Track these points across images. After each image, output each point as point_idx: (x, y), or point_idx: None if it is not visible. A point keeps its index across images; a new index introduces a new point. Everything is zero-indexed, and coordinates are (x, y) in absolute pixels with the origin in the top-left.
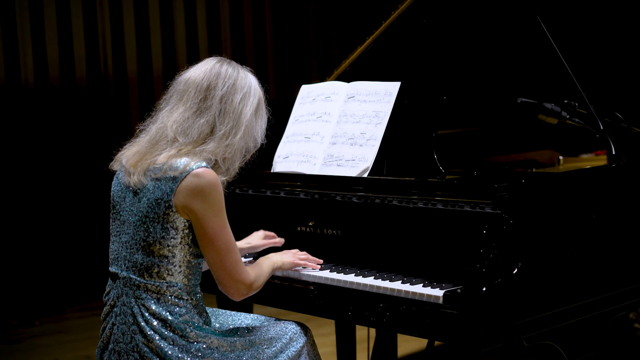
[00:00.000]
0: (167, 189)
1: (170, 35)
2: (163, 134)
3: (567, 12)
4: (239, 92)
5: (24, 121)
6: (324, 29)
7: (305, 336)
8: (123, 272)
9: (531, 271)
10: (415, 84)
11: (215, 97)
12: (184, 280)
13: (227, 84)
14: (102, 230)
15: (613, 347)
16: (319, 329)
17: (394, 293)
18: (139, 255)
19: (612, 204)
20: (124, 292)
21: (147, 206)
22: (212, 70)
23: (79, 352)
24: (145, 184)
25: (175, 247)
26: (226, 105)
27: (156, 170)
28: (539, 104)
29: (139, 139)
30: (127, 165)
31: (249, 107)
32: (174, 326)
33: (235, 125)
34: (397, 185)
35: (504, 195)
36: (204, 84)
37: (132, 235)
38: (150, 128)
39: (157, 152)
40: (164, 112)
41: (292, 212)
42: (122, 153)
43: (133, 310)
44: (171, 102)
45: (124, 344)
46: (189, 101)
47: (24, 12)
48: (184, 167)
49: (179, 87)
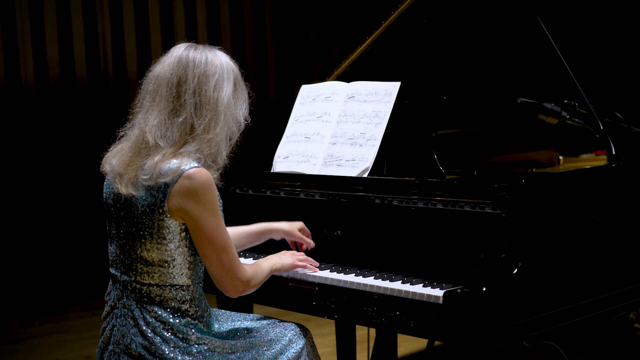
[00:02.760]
0: (160, 194)
1: (170, 35)
2: (144, 140)
3: (567, 12)
4: (211, 79)
5: (24, 121)
6: (324, 29)
7: (304, 337)
8: (123, 276)
9: (531, 271)
10: (415, 84)
11: (187, 92)
12: (187, 281)
13: (197, 74)
14: (101, 230)
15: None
16: (319, 329)
17: (394, 293)
18: (137, 261)
19: (612, 204)
20: (125, 294)
21: (141, 214)
22: (179, 63)
23: (79, 352)
24: (135, 194)
25: (174, 251)
26: (200, 97)
27: (146, 178)
28: (539, 104)
29: (121, 145)
30: (115, 174)
31: (224, 91)
32: (176, 329)
33: (214, 116)
34: (397, 185)
35: (504, 195)
36: (173, 80)
37: (128, 241)
38: (129, 134)
39: (141, 160)
40: (139, 116)
41: (292, 212)
42: (108, 156)
43: (134, 313)
44: (145, 104)
45: (124, 346)
46: (162, 101)
47: (24, 12)
48: (175, 170)
49: (149, 87)
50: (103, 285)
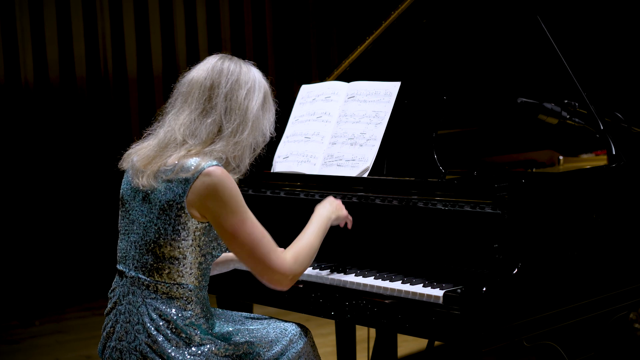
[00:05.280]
0: (179, 190)
1: (170, 35)
2: (172, 137)
3: (567, 12)
4: (243, 87)
5: (24, 121)
6: (324, 29)
7: (305, 337)
8: (131, 272)
9: (531, 271)
10: (415, 84)
11: (219, 96)
12: (194, 282)
13: (230, 80)
14: (101, 230)
15: (613, 347)
16: (319, 329)
17: (394, 293)
18: (149, 256)
19: (612, 204)
20: (131, 290)
21: (158, 208)
22: (214, 69)
23: (79, 352)
24: (156, 187)
25: (187, 249)
26: (231, 102)
27: (167, 172)
28: (539, 104)
29: (147, 142)
30: (137, 168)
31: (254, 101)
32: (179, 329)
33: (242, 122)
34: (397, 185)
35: (504, 195)
36: (207, 84)
37: (142, 236)
38: (158, 132)
39: (166, 155)
40: (170, 115)
41: (292, 212)
42: (130, 152)
43: (139, 310)
44: (176, 105)
45: (126, 343)
46: (194, 102)
47: (24, 12)
48: (196, 168)
49: (182, 89)
50: (103, 286)
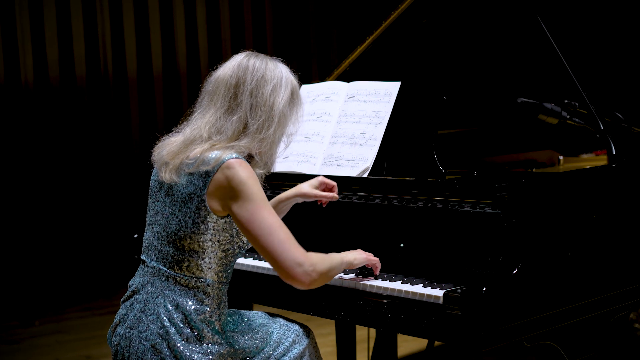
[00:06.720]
0: (200, 183)
1: (170, 35)
2: (197, 134)
3: (567, 12)
4: (268, 83)
5: (24, 121)
6: (324, 29)
7: (307, 338)
8: (152, 262)
9: (531, 271)
10: (415, 84)
11: (244, 93)
12: (213, 277)
13: (256, 77)
14: (102, 230)
15: (613, 347)
16: (319, 329)
17: (394, 293)
18: (170, 247)
19: (612, 204)
20: (151, 281)
21: (180, 200)
22: (239, 66)
23: (79, 352)
24: (177, 181)
25: (206, 242)
26: (257, 99)
27: (189, 165)
28: (539, 104)
29: (175, 137)
30: (162, 162)
31: (280, 97)
32: (192, 323)
33: (268, 118)
34: (397, 185)
35: (504, 195)
36: (232, 81)
37: (164, 227)
38: (185, 130)
39: (190, 149)
40: (196, 114)
41: (292, 212)
42: (159, 145)
43: (156, 300)
44: (203, 103)
45: (137, 332)
46: (220, 100)
47: (24, 12)
48: (216, 160)
49: (209, 88)
50: (103, 286)
